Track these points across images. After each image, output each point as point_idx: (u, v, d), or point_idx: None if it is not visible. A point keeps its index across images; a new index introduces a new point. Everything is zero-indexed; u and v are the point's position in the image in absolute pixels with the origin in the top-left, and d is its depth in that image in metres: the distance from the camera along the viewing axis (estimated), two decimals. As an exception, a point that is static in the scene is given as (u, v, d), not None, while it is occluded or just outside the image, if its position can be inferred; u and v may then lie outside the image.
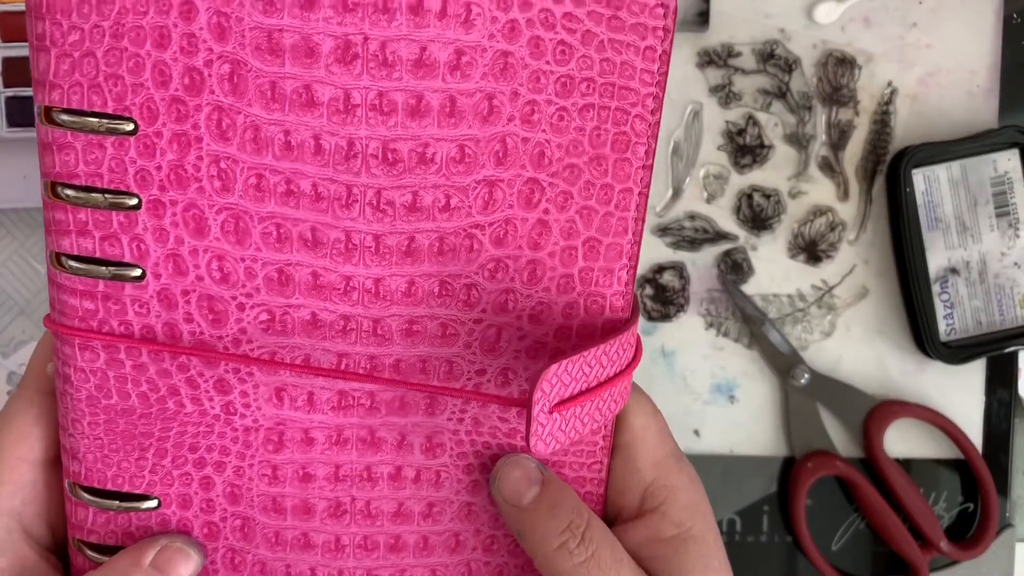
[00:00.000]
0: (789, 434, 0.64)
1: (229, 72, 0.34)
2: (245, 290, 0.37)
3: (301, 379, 0.38)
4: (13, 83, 0.59)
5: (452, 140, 0.36)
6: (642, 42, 0.37)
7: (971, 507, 0.65)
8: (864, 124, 0.63)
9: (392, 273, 0.37)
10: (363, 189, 0.36)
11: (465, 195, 0.37)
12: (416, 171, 0.36)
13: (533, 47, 0.36)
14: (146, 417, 0.38)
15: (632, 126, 0.38)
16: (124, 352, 0.37)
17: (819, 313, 0.64)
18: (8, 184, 0.61)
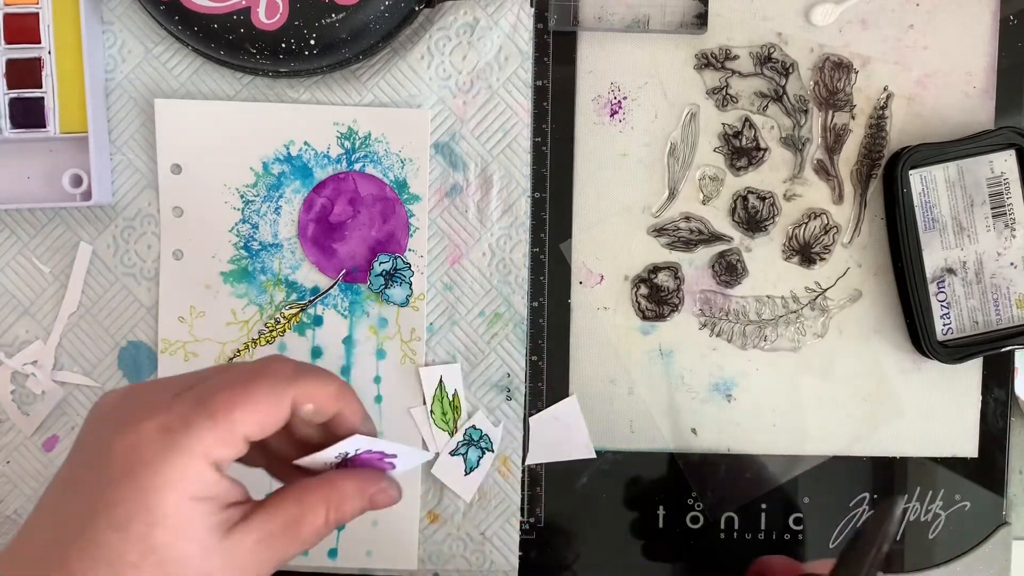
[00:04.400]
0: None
1: None
2: None
3: None
4: (16, 85, 0.59)
5: None
6: None
7: (967, 506, 0.65)
8: (860, 128, 0.63)
9: None
10: None
11: None
12: None
13: None
14: None
15: None
16: None
17: (812, 315, 0.64)
18: (11, 184, 0.61)
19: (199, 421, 0.39)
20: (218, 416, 0.39)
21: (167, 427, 0.39)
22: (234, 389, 0.40)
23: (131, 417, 0.40)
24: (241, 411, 0.40)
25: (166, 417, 0.39)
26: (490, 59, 0.62)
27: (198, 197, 0.62)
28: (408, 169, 0.62)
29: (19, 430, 0.63)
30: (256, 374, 0.41)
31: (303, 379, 0.42)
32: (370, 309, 0.63)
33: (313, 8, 0.57)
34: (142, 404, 0.40)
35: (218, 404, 0.40)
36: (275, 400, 0.41)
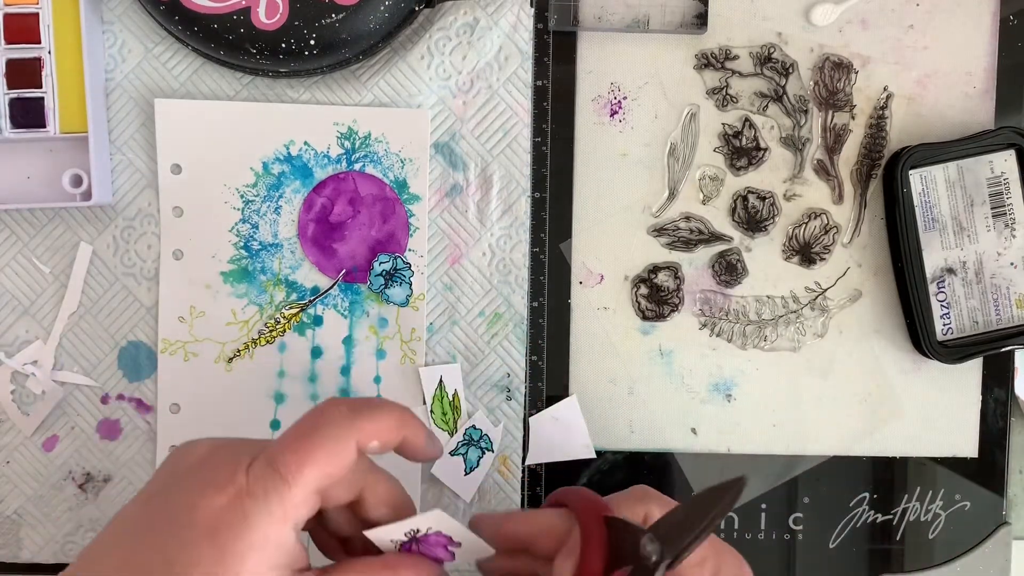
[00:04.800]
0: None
1: None
2: None
3: None
4: (16, 85, 0.59)
5: None
6: None
7: (967, 506, 0.65)
8: (860, 128, 0.63)
9: None
10: None
11: None
12: None
13: None
14: None
15: None
16: None
17: (812, 315, 0.64)
18: (11, 184, 0.61)
19: (274, 485, 0.41)
20: (290, 477, 0.41)
21: (249, 492, 0.40)
22: (299, 446, 0.42)
23: (216, 479, 0.41)
24: (310, 467, 0.41)
25: (246, 482, 0.41)
26: (490, 59, 0.62)
27: (198, 197, 0.62)
28: (408, 169, 0.62)
29: (19, 430, 0.63)
30: (316, 426, 0.43)
31: (361, 418, 0.43)
32: (370, 309, 0.63)
33: (313, 8, 0.57)
34: (226, 466, 0.42)
35: (288, 465, 0.41)
36: (339, 448, 0.42)
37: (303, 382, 0.63)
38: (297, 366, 0.63)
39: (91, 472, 0.63)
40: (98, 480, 0.63)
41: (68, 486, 0.63)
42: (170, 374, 0.63)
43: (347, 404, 0.44)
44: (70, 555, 0.63)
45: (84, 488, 0.63)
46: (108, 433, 0.63)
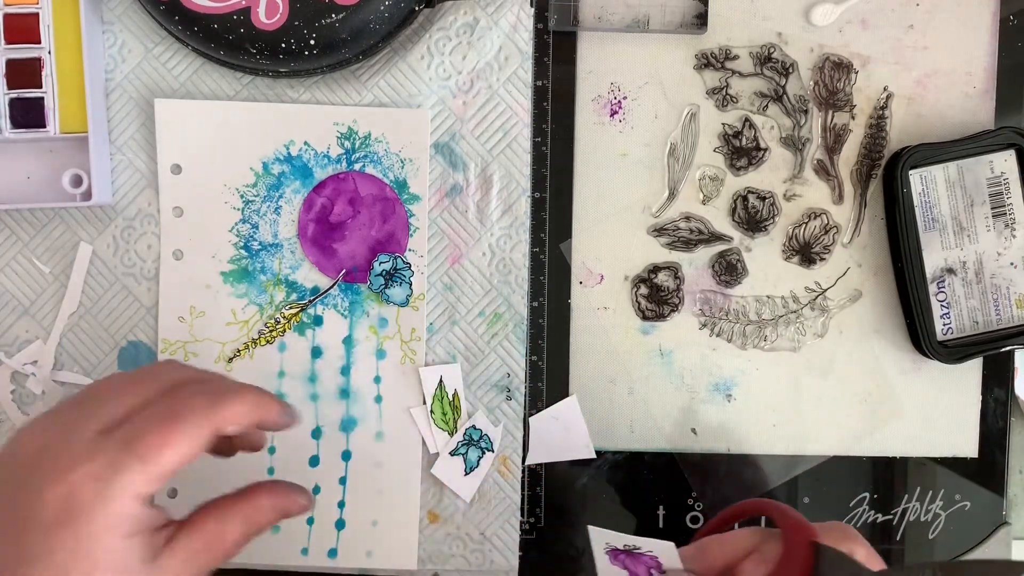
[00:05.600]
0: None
1: None
2: None
3: None
4: (16, 85, 0.59)
5: None
6: None
7: (967, 506, 0.65)
8: (860, 128, 0.63)
9: None
10: None
11: None
12: None
13: None
14: None
15: None
16: None
17: (812, 315, 0.64)
18: (11, 184, 0.61)
19: (129, 464, 0.41)
20: (148, 458, 0.41)
21: (98, 475, 0.40)
22: (161, 430, 0.42)
23: (59, 464, 0.41)
24: (169, 451, 0.42)
25: (96, 464, 0.41)
26: (490, 59, 0.62)
27: (198, 197, 0.62)
28: (408, 169, 0.62)
29: (19, 430, 0.63)
30: (176, 415, 0.43)
31: (220, 408, 0.44)
32: (370, 309, 0.63)
33: (313, 8, 0.57)
34: (67, 449, 0.41)
35: (147, 448, 0.41)
36: (198, 435, 0.43)
37: (303, 382, 0.63)
38: (297, 366, 0.63)
39: (91, 472, 0.63)
40: (98, 480, 0.63)
41: (68, 486, 0.63)
42: (170, 374, 0.63)
43: (206, 394, 0.44)
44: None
45: (84, 488, 0.63)
46: (108, 433, 0.63)
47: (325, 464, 0.63)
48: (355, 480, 0.63)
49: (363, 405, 0.63)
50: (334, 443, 0.63)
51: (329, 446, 0.63)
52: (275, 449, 0.63)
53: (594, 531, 0.49)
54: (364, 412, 0.63)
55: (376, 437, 0.63)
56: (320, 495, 0.63)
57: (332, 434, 0.63)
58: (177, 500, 0.62)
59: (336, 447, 0.63)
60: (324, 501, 0.63)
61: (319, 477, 0.63)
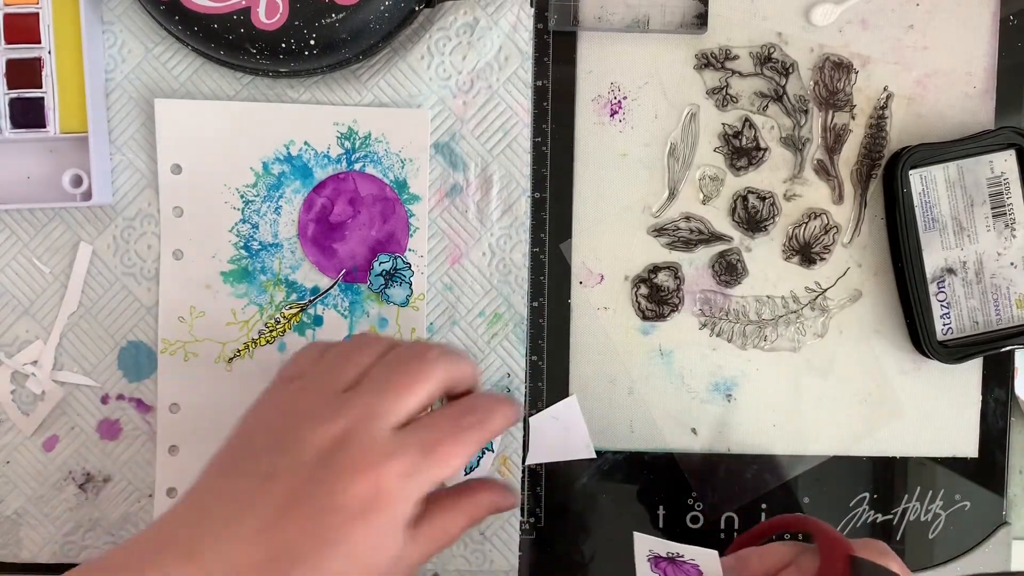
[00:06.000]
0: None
1: None
2: None
3: None
4: (16, 85, 0.59)
5: None
6: None
7: (967, 506, 0.65)
8: (860, 128, 0.63)
9: None
10: None
11: None
12: None
13: None
14: None
15: None
16: None
17: (812, 315, 0.64)
18: (11, 184, 0.61)
19: (427, 467, 0.45)
20: (443, 464, 0.45)
21: (404, 472, 0.44)
22: (455, 439, 0.46)
23: (367, 458, 0.44)
24: (458, 461, 0.46)
25: (400, 462, 0.44)
26: (490, 59, 0.62)
27: (198, 197, 0.62)
28: (408, 169, 0.62)
29: (19, 430, 0.63)
30: (465, 426, 0.47)
31: (491, 420, 0.48)
32: (370, 309, 0.63)
33: (313, 8, 0.57)
34: (372, 443, 0.45)
35: (443, 455, 0.46)
36: (477, 448, 0.47)
37: (303, 382, 0.63)
38: (297, 366, 0.63)
39: (91, 472, 0.63)
40: (98, 480, 0.63)
41: (68, 486, 0.63)
42: (170, 374, 0.63)
43: (481, 410, 0.49)
44: (70, 555, 0.63)
45: (84, 488, 0.63)
46: (108, 433, 0.63)
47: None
48: (355, 480, 0.63)
49: (363, 405, 0.63)
50: (334, 443, 0.63)
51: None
52: (275, 449, 0.63)
53: (639, 537, 0.50)
54: (364, 412, 0.63)
55: (376, 437, 0.63)
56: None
57: (332, 434, 0.63)
58: (177, 500, 0.62)
59: (336, 447, 0.63)
60: (324, 501, 0.63)
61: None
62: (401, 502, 0.44)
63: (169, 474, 0.63)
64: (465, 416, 0.48)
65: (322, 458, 0.44)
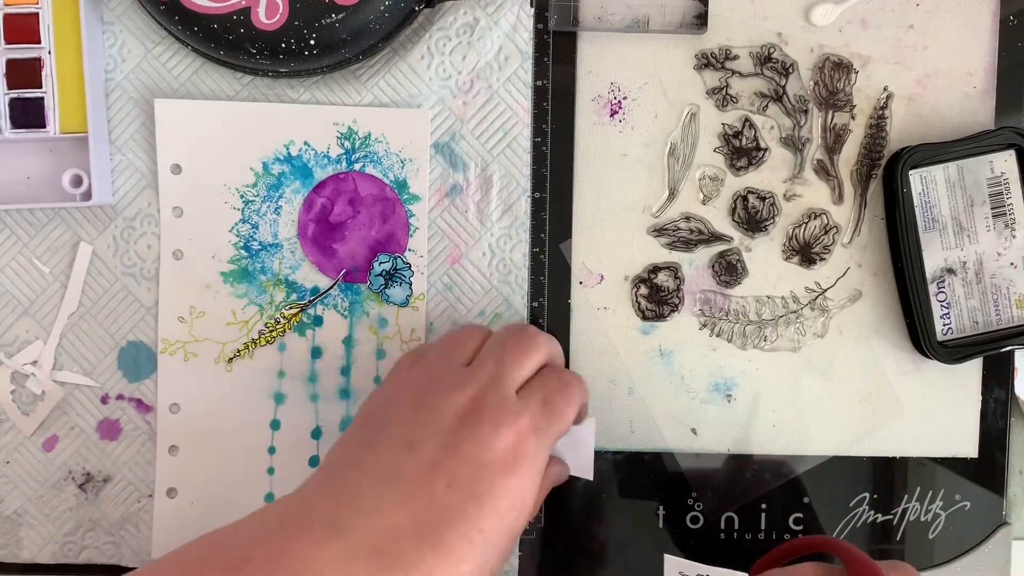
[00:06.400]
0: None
1: None
2: None
3: None
4: (16, 85, 0.59)
5: None
6: None
7: (967, 506, 0.65)
8: (860, 128, 0.63)
9: None
10: None
11: None
12: None
13: None
14: None
15: None
16: None
17: (812, 315, 0.64)
18: (11, 184, 0.61)
19: (550, 421, 0.51)
20: (562, 416, 0.52)
21: (536, 427, 0.49)
22: (565, 394, 0.53)
23: (504, 416, 0.49)
24: (571, 410, 0.53)
25: (532, 419, 0.49)
26: (490, 59, 0.62)
27: (198, 197, 0.62)
28: (408, 169, 0.62)
29: (19, 430, 0.63)
30: (566, 381, 0.54)
31: (581, 383, 0.56)
32: (370, 309, 0.63)
33: (313, 8, 0.57)
34: (506, 405, 0.50)
35: (559, 408, 0.52)
36: (581, 401, 0.55)
37: (303, 382, 0.63)
38: (297, 366, 0.63)
39: (91, 472, 0.63)
40: (98, 480, 0.63)
41: (68, 486, 0.63)
42: (170, 374, 0.63)
43: (563, 371, 0.56)
44: (69, 555, 0.63)
45: (84, 488, 0.63)
46: (108, 433, 0.63)
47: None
48: (355, 480, 0.63)
49: (363, 405, 0.63)
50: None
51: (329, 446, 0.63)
52: (275, 449, 0.63)
53: (669, 560, 0.52)
54: (364, 412, 0.63)
55: (376, 437, 0.63)
56: (320, 495, 0.63)
57: (332, 435, 0.63)
58: (177, 499, 0.62)
59: (336, 447, 0.63)
60: (324, 501, 0.63)
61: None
62: (539, 453, 0.49)
63: (169, 474, 0.63)
64: (563, 376, 0.54)
65: (461, 421, 0.48)
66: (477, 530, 0.45)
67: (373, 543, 0.43)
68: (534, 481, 0.48)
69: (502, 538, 0.47)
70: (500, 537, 0.46)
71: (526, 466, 0.48)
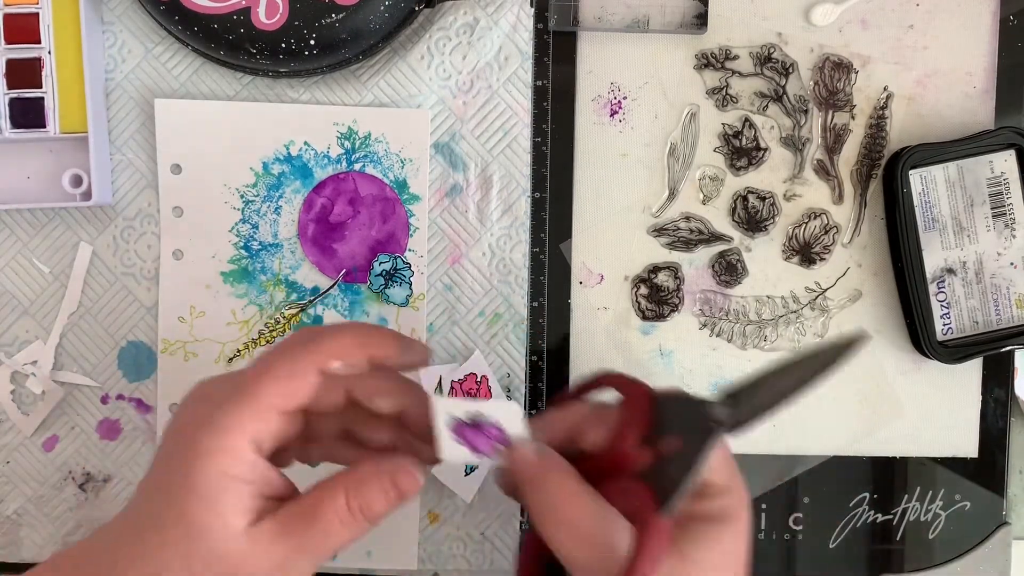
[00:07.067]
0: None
1: None
2: None
3: None
4: (16, 85, 0.59)
5: None
6: None
7: (967, 506, 0.65)
8: (860, 128, 0.63)
9: None
10: None
11: None
12: None
13: None
14: None
15: None
16: None
17: (812, 315, 0.64)
18: (11, 185, 0.61)
19: (232, 397, 0.43)
20: (246, 391, 0.43)
21: (208, 409, 0.43)
22: (258, 365, 0.44)
23: (185, 407, 0.44)
24: (266, 382, 0.43)
25: (210, 402, 0.43)
26: (490, 59, 0.62)
27: (198, 197, 0.62)
28: (408, 169, 0.62)
29: (19, 430, 0.63)
30: (276, 348, 0.45)
31: (319, 340, 0.45)
32: (370, 309, 0.63)
33: (313, 8, 0.57)
34: (200, 395, 0.45)
35: (247, 381, 0.43)
36: (294, 366, 0.44)
37: (303, 382, 0.63)
38: (297, 366, 0.63)
39: (91, 472, 0.63)
40: (98, 480, 0.63)
41: (68, 486, 0.63)
42: (170, 374, 0.63)
43: (314, 329, 0.46)
44: (70, 555, 0.63)
45: (84, 488, 0.63)
46: (108, 433, 0.63)
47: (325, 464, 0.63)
48: (355, 480, 0.63)
49: (363, 405, 0.63)
50: (334, 443, 0.63)
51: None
52: (275, 449, 0.63)
53: (436, 400, 0.45)
54: (364, 412, 0.63)
55: (376, 437, 0.63)
56: (320, 495, 0.63)
57: (332, 434, 0.63)
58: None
59: (336, 447, 0.63)
60: (324, 501, 0.63)
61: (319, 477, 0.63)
62: (204, 433, 0.43)
63: (169, 474, 0.63)
64: (274, 349, 0.46)
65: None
66: (140, 512, 0.42)
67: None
68: (205, 463, 0.41)
69: (176, 529, 0.41)
70: (171, 524, 0.41)
71: (190, 447, 0.42)
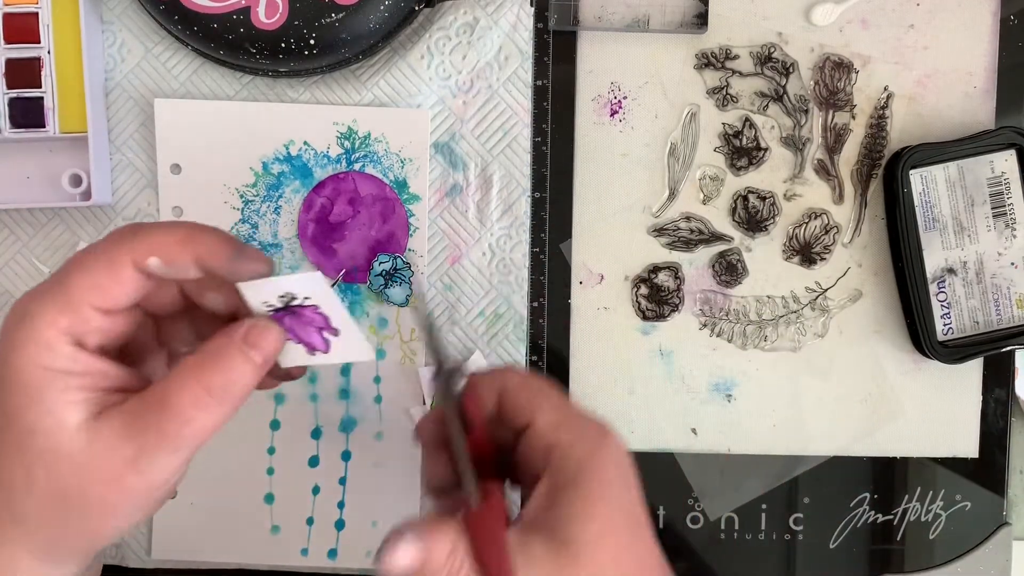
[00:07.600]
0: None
1: None
2: None
3: None
4: (16, 85, 0.59)
5: None
6: None
7: (967, 506, 0.65)
8: (860, 128, 0.63)
9: None
10: None
11: None
12: None
13: None
14: None
15: None
16: None
17: (812, 315, 0.64)
18: (11, 184, 0.61)
19: (42, 291, 0.40)
20: (55, 283, 0.40)
21: (21, 305, 0.40)
22: (72, 258, 0.41)
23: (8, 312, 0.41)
24: (75, 274, 0.40)
25: (24, 300, 0.40)
26: (490, 59, 0.62)
27: (198, 197, 0.62)
28: (408, 169, 0.62)
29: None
30: (95, 244, 0.42)
31: (138, 234, 0.41)
32: (370, 309, 0.63)
33: (313, 8, 0.57)
34: (21, 299, 0.41)
35: (58, 274, 0.41)
36: (108, 261, 0.41)
37: (303, 382, 0.63)
38: (297, 366, 0.63)
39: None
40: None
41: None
42: (170, 374, 0.62)
43: (138, 224, 0.42)
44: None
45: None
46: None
47: (325, 464, 0.63)
48: (355, 480, 0.63)
49: (363, 405, 0.63)
50: (334, 443, 0.63)
51: (329, 446, 0.63)
52: (275, 450, 0.63)
53: (243, 287, 0.42)
54: (364, 412, 0.63)
55: (376, 437, 0.63)
56: (320, 495, 0.63)
57: (332, 434, 0.63)
58: (177, 500, 0.62)
59: (336, 447, 0.63)
60: (324, 501, 0.63)
61: (319, 477, 0.63)
62: (15, 328, 0.41)
63: (169, 474, 0.63)
64: (93, 244, 0.42)
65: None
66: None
67: None
68: (19, 357, 0.40)
69: (6, 433, 0.40)
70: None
71: (8, 326, 0.40)
